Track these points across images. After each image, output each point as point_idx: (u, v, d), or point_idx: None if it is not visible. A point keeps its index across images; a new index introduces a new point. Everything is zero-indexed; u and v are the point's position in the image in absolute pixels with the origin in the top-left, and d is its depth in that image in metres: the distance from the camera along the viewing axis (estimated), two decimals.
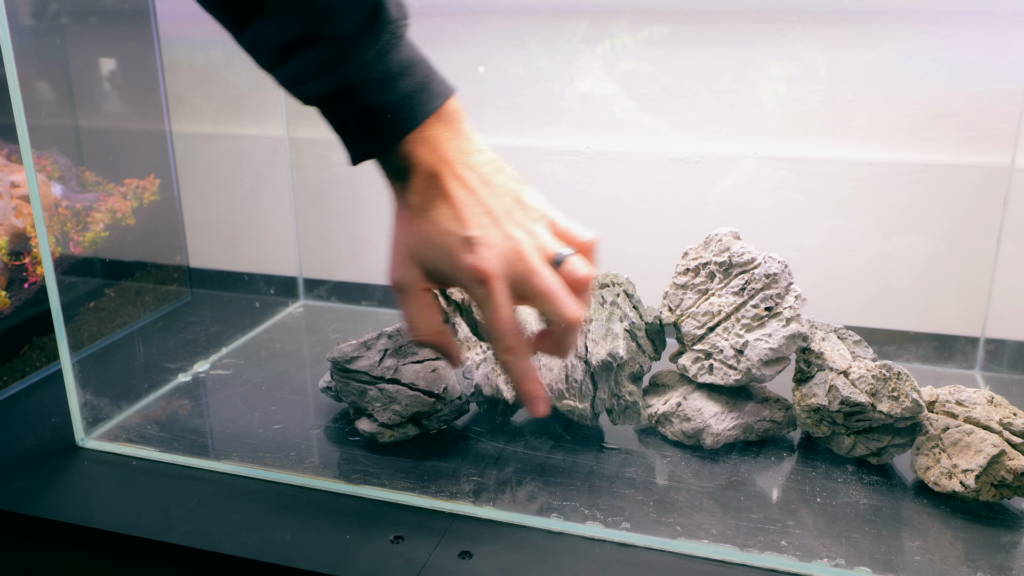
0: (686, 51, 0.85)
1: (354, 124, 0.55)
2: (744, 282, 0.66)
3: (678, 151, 0.88)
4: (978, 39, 0.78)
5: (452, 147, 0.56)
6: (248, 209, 0.81)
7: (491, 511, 0.59)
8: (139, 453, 0.68)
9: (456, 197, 0.56)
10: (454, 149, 0.56)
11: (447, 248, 0.55)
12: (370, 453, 0.67)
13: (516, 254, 0.55)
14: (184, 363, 0.84)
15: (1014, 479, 0.57)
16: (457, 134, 0.57)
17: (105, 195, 0.90)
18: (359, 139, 0.56)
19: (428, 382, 0.68)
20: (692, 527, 0.58)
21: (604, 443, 0.69)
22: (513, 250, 0.55)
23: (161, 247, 0.99)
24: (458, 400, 0.70)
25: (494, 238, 0.55)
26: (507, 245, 0.55)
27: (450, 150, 0.56)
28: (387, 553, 0.55)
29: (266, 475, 0.64)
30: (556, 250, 0.57)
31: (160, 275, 0.99)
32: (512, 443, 0.69)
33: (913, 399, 0.60)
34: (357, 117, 0.55)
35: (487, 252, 0.55)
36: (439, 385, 0.69)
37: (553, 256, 0.56)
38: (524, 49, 0.90)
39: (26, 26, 0.83)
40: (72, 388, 0.69)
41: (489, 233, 0.55)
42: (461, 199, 0.56)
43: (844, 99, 0.83)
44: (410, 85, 0.55)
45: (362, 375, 0.69)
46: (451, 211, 0.55)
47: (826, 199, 0.86)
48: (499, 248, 0.55)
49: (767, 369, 0.65)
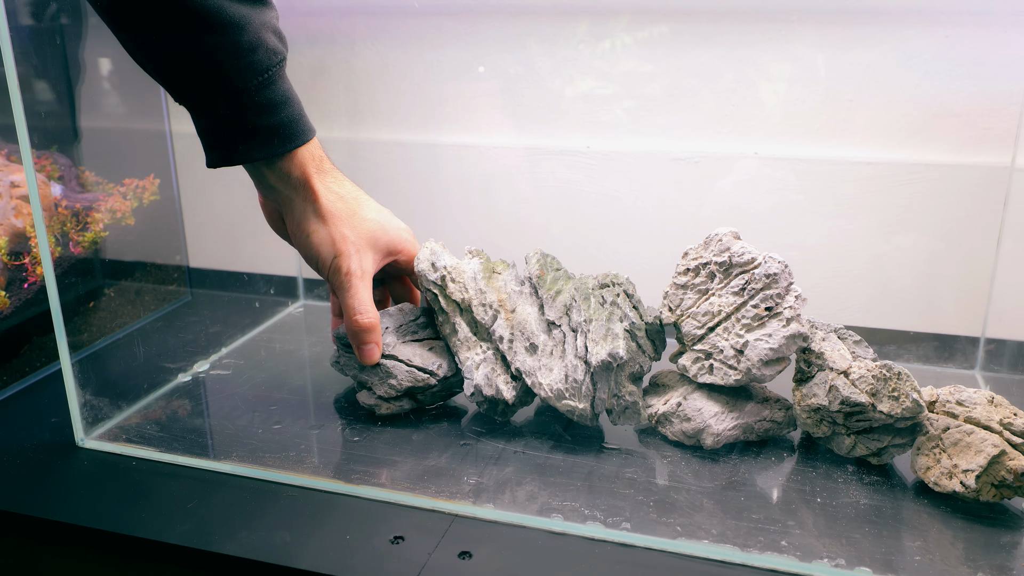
0: (686, 51, 0.85)
1: (227, 135, 0.63)
2: (744, 282, 0.66)
3: (678, 151, 0.88)
4: (978, 39, 0.78)
5: (326, 163, 0.70)
6: (248, 209, 0.80)
7: (491, 511, 0.59)
8: (139, 453, 0.68)
9: (350, 189, 0.71)
10: (327, 165, 0.70)
11: (402, 229, 0.73)
12: (370, 453, 0.67)
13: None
14: (184, 363, 0.84)
15: (1014, 479, 0.57)
16: (325, 155, 0.70)
17: (105, 195, 0.90)
18: (228, 147, 0.64)
19: (424, 359, 0.72)
20: (692, 527, 0.58)
21: (604, 443, 0.69)
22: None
23: (161, 247, 0.99)
24: (452, 377, 0.73)
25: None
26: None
27: (326, 165, 0.70)
28: (387, 553, 0.55)
29: (266, 475, 0.64)
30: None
31: (160, 275, 0.99)
32: (512, 443, 0.69)
33: (913, 399, 0.60)
34: (232, 129, 0.63)
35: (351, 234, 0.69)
36: (434, 362, 0.72)
37: None
38: (524, 49, 0.90)
39: (26, 26, 0.83)
40: (72, 388, 0.69)
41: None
42: (352, 192, 0.71)
43: (844, 99, 0.83)
44: (288, 115, 0.64)
45: None
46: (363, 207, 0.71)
47: (826, 199, 0.86)
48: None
49: (767, 369, 0.65)
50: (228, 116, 0.61)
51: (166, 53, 0.58)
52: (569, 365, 0.66)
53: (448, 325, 0.72)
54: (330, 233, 0.67)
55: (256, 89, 0.60)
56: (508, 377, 0.70)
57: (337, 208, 0.68)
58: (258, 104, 0.61)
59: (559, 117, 0.91)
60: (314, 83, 0.97)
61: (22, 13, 0.82)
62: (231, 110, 0.60)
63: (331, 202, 0.67)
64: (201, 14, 0.55)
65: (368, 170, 0.99)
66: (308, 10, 0.95)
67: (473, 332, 0.72)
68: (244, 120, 0.61)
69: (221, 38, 0.57)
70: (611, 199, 0.92)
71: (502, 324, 0.70)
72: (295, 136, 0.64)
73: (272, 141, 0.63)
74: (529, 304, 0.71)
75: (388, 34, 0.94)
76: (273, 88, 0.61)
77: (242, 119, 0.61)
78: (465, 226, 0.98)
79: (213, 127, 0.62)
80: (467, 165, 0.95)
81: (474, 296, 0.72)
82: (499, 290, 0.72)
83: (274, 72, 0.61)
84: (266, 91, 0.61)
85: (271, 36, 0.61)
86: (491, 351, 0.71)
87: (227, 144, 0.63)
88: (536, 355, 0.69)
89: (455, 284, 0.72)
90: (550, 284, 0.70)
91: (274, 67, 0.61)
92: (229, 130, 0.62)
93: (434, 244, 0.74)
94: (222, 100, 0.60)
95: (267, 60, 0.60)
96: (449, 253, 0.74)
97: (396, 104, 0.96)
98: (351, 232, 0.68)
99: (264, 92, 0.60)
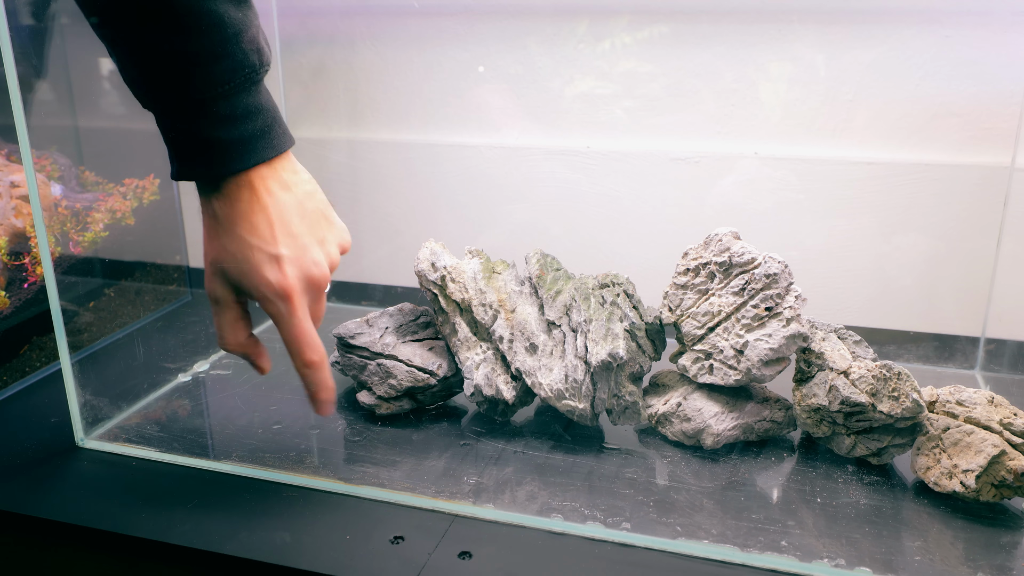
0: (686, 51, 0.85)
1: (186, 146, 0.56)
2: (744, 282, 0.66)
3: (678, 151, 0.88)
4: (978, 39, 0.78)
5: (268, 175, 0.58)
6: None
7: (491, 511, 0.59)
8: (139, 453, 0.68)
9: (267, 213, 0.57)
10: (269, 175, 0.58)
11: (251, 263, 0.57)
12: (370, 453, 0.67)
13: (320, 274, 0.58)
14: (184, 363, 0.84)
15: (1014, 479, 0.57)
16: (281, 168, 0.59)
17: (105, 195, 0.90)
18: (186, 160, 0.57)
19: (424, 359, 0.72)
20: (692, 527, 0.58)
21: (604, 443, 0.69)
22: (317, 267, 0.58)
23: (161, 247, 0.99)
24: (452, 377, 0.73)
25: (300, 256, 0.58)
26: (311, 263, 0.58)
27: (265, 174, 0.58)
28: (387, 553, 0.55)
29: (266, 475, 0.64)
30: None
31: (160, 275, 0.99)
32: (512, 443, 0.69)
33: (913, 399, 0.60)
34: (190, 140, 0.56)
35: (292, 269, 0.57)
36: (434, 363, 0.72)
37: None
38: (524, 49, 0.90)
39: (26, 26, 0.83)
40: (72, 388, 0.69)
41: (295, 252, 0.57)
42: (271, 216, 0.57)
43: (844, 99, 0.83)
44: (250, 130, 0.56)
45: (363, 351, 0.73)
46: (254, 227, 0.57)
47: (826, 199, 0.86)
48: (302, 266, 0.58)
49: (767, 369, 0.65)
50: (183, 127, 0.55)
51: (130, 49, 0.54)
52: (569, 365, 0.66)
53: (448, 325, 0.72)
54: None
55: (216, 100, 0.54)
56: (508, 377, 0.70)
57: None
58: (214, 116, 0.55)
59: (559, 117, 0.91)
60: (314, 83, 0.97)
61: (22, 13, 0.82)
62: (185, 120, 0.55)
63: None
64: (174, 11, 0.52)
65: (368, 170, 0.99)
66: (308, 10, 0.95)
67: (473, 332, 0.72)
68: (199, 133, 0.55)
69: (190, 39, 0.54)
70: (611, 199, 0.92)
71: (502, 324, 0.70)
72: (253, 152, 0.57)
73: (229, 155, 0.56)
74: (529, 304, 0.71)
75: (388, 34, 0.94)
76: (229, 103, 0.55)
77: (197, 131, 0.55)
78: (465, 226, 0.98)
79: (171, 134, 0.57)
80: (467, 165, 0.95)
81: (474, 296, 0.72)
82: (499, 290, 0.72)
83: (235, 86, 0.55)
84: (221, 104, 0.55)
85: (245, 46, 0.55)
86: (491, 351, 0.71)
87: (186, 156, 0.57)
88: (536, 355, 0.69)
89: (455, 284, 0.72)
90: (550, 284, 0.70)
91: (237, 80, 0.54)
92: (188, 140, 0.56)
93: (434, 244, 0.74)
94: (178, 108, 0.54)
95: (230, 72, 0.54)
96: (449, 253, 0.75)
97: (396, 104, 0.96)
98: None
99: (224, 104, 0.55)
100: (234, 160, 0.56)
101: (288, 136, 0.60)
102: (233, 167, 0.56)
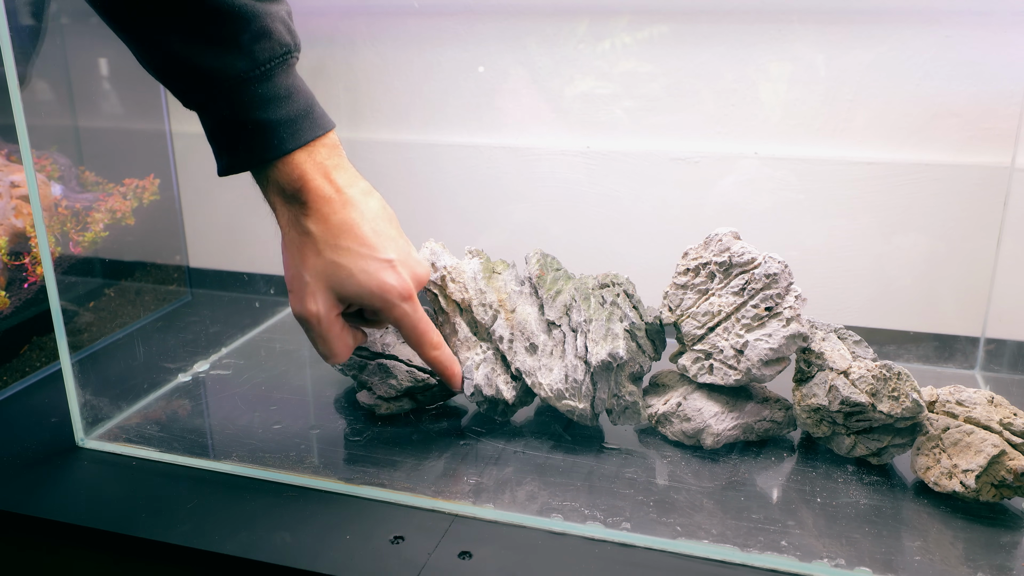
0: (686, 51, 0.85)
1: (231, 135, 0.57)
2: (744, 282, 0.66)
3: (678, 151, 0.88)
4: (978, 39, 0.78)
5: (342, 177, 0.60)
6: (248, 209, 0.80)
7: (491, 511, 0.59)
8: (139, 453, 0.68)
9: (366, 222, 0.60)
10: (344, 179, 0.60)
11: (369, 272, 0.59)
12: (370, 453, 0.67)
13: (424, 271, 0.64)
14: (184, 363, 0.84)
15: (1014, 479, 0.57)
16: (343, 164, 0.60)
17: (105, 195, 0.90)
18: (233, 150, 0.57)
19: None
20: (692, 527, 0.58)
21: (604, 443, 0.69)
22: (420, 265, 0.63)
23: (161, 247, 0.99)
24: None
25: (406, 258, 0.62)
26: (415, 261, 0.63)
27: (340, 179, 0.59)
28: (387, 553, 0.55)
29: (266, 475, 0.64)
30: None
31: (160, 275, 0.99)
32: (512, 443, 0.69)
33: (913, 399, 0.60)
34: (235, 129, 0.56)
35: (405, 271, 0.61)
36: None
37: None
38: (524, 49, 0.90)
39: (26, 26, 0.83)
40: (72, 388, 0.69)
41: (401, 254, 0.61)
42: (371, 224, 0.60)
43: (844, 99, 0.83)
44: (294, 110, 0.57)
45: (363, 350, 0.73)
46: (360, 237, 0.59)
47: (826, 199, 0.86)
48: (410, 266, 0.62)
49: (767, 369, 0.65)
50: (228, 114, 0.57)
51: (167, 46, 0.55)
52: (569, 365, 0.66)
53: (448, 325, 0.72)
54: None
55: (255, 81, 0.55)
56: (508, 377, 0.70)
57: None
58: (257, 98, 0.56)
59: (559, 117, 0.91)
60: (314, 83, 0.97)
61: (22, 13, 0.82)
62: (229, 106, 0.55)
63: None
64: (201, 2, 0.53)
65: (368, 170, 0.99)
66: (308, 10, 0.95)
67: (473, 332, 0.72)
68: (244, 117, 0.57)
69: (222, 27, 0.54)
70: (611, 199, 0.92)
71: (502, 324, 0.70)
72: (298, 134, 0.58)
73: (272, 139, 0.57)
74: (529, 304, 0.71)
75: (388, 34, 0.94)
76: (271, 83, 0.56)
77: (242, 115, 0.57)
78: (465, 226, 0.98)
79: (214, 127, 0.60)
80: (467, 165, 0.95)
81: (474, 296, 0.72)
82: (499, 290, 0.72)
83: (275, 65, 0.56)
84: (263, 85, 0.56)
85: (279, 27, 0.56)
86: (491, 351, 0.71)
87: (233, 145, 0.57)
88: (536, 355, 0.69)
89: (455, 284, 0.72)
90: (550, 284, 0.70)
91: (276, 59, 0.56)
92: (233, 129, 0.58)
93: (434, 244, 0.74)
94: (221, 94, 0.56)
95: (269, 52, 0.55)
96: (449, 253, 0.74)
97: (396, 104, 0.96)
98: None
99: (262, 85, 0.56)
100: (283, 141, 0.57)
101: (327, 117, 0.60)
102: (282, 148, 0.57)
